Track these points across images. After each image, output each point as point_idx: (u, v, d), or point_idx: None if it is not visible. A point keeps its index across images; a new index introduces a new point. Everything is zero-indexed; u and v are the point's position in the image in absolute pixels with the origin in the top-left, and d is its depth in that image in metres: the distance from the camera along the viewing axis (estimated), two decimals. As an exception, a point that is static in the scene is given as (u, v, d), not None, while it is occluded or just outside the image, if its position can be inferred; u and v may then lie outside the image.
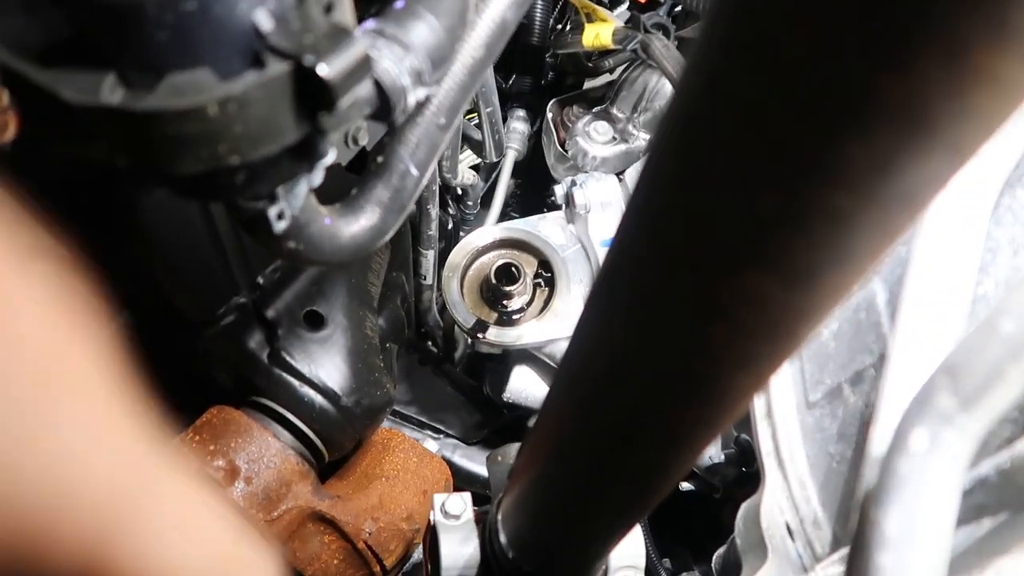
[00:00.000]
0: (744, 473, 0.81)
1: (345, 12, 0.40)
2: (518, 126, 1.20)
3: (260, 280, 0.73)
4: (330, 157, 0.42)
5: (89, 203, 0.58)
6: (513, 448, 0.70)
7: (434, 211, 1.02)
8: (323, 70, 0.35)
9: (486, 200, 1.23)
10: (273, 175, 0.42)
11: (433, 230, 1.06)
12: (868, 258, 0.24)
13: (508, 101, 1.22)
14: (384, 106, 0.44)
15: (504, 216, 1.24)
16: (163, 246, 0.63)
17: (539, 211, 1.37)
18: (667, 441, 0.36)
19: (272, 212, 0.46)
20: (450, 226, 1.20)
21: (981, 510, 0.36)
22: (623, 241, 0.29)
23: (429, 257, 1.11)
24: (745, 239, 0.23)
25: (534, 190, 1.34)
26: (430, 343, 1.26)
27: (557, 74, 1.26)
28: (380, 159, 0.54)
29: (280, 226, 0.47)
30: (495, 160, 1.12)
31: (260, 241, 0.49)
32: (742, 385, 0.30)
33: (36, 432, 0.24)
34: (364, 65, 0.37)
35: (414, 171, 0.55)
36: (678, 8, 0.92)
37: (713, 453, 0.80)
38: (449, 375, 1.18)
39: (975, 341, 0.27)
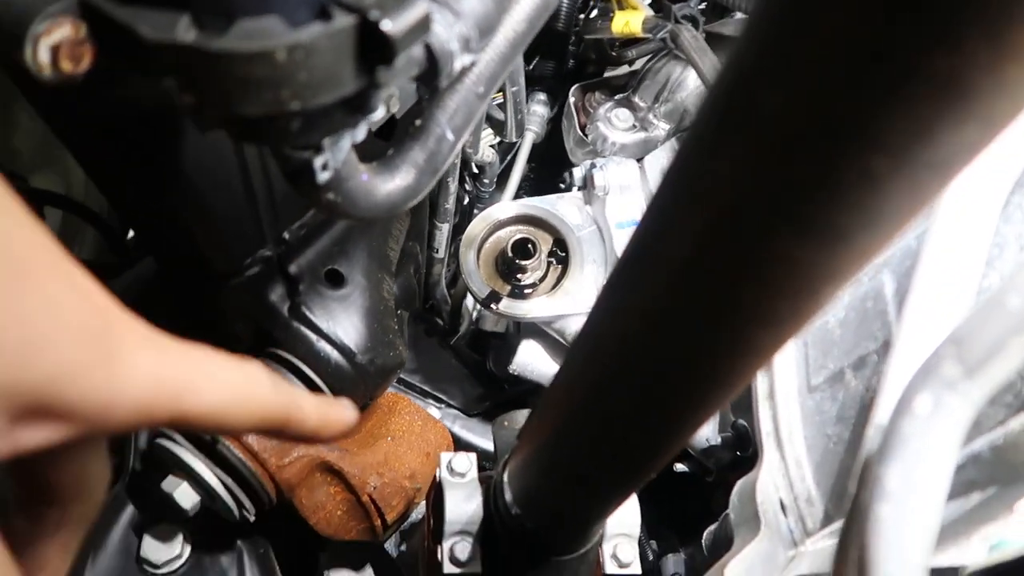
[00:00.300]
0: (738, 457, 0.84)
1: (408, -26, 0.42)
2: (538, 109, 1.22)
3: (286, 235, 0.75)
4: (379, 113, 0.44)
5: (134, 147, 0.60)
6: (519, 414, 0.73)
7: (453, 185, 1.04)
8: (386, 25, 0.37)
9: (501, 180, 1.25)
10: (325, 124, 0.44)
11: (450, 204, 1.08)
12: (897, 223, 0.26)
13: (530, 84, 1.24)
14: (431, 68, 0.46)
15: (517, 197, 1.26)
16: (199, 195, 0.65)
17: (552, 193, 1.40)
18: (683, 401, 0.38)
19: (317, 162, 0.48)
20: (465, 202, 1.22)
21: (972, 485, 0.39)
22: (660, 207, 0.31)
23: (444, 230, 1.13)
24: (785, 202, 0.25)
25: (548, 173, 1.36)
26: (436, 314, 1.29)
27: (579, 61, 1.28)
28: (418, 122, 0.56)
29: (323, 177, 0.49)
30: (515, 140, 1.14)
31: (301, 190, 0.51)
32: (763, 344, 0.32)
33: None
34: (423, 24, 0.40)
35: (450, 136, 0.57)
36: (705, 2, 0.94)
37: (710, 435, 0.83)
38: (454, 348, 1.21)
39: (982, 313, 0.30)
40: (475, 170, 1.19)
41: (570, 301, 0.84)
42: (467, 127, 0.58)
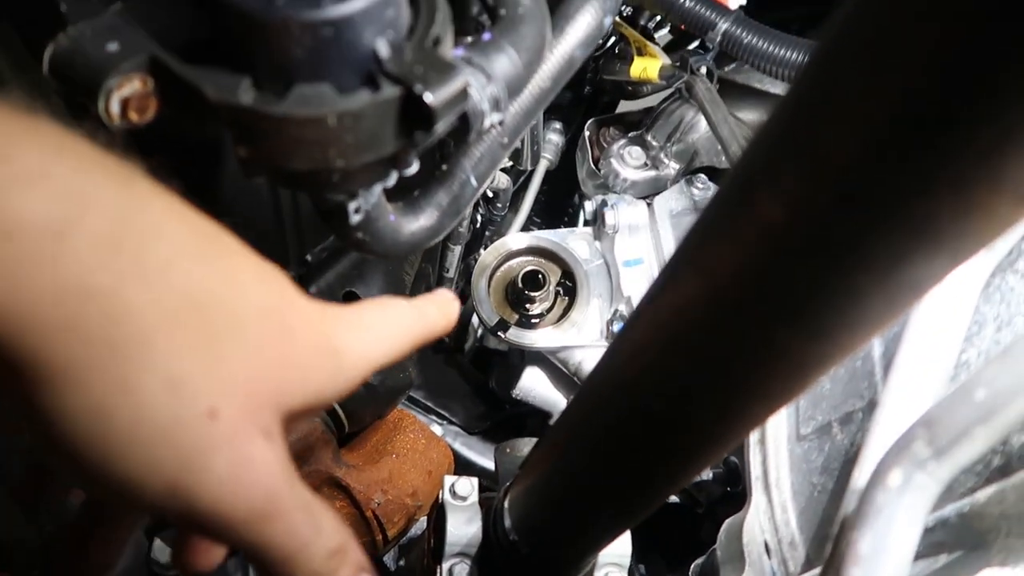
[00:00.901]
0: (728, 492, 0.87)
1: (448, 46, 0.46)
2: (553, 137, 1.26)
3: (309, 257, 0.78)
4: (414, 168, 0.48)
5: (177, 168, 0.63)
6: (521, 442, 0.76)
7: (467, 210, 1.08)
8: (429, 98, 0.41)
9: (513, 201, 1.29)
10: (363, 178, 0.47)
11: (464, 227, 1.12)
12: (877, 327, 0.30)
13: (546, 112, 1.28)
14: (463, 126, 0.50)
15: (527, 220, 1.30)
16: (230, 218, 0.68)
17: (560, 217, 1.43)
18: (682, 455, 0.42)
19: (351, 206, 0.52)
20: (478, 225, 1.25)
21: (940, 546, 0.42)
22: (672, 287, 0.34)
23: (455, 252, 1.16)
24: (784, 306, 0.29)
25: (558, 198, 1.40)
26: (442, 332, 1.32)
27: (595, 90, 1.31)
28: (444, 167, 0.60)
29: (355, 219, 0.53)
30: (530, 169, 1.18)
31: (333, 229, 0.55)
32: (755, 413, 0.36)
33: None
34: (462, 95, 0.43)
35: (474, 182, 0.60)
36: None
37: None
38: (459, 365, 1.24)
39: (952, 402, 0.33)
40: (490, 195, 1.23)
41: (575, 333, 0.88)
42: (490, 173, 0.61)
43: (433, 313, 0.47)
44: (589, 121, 1.12)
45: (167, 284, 0.32)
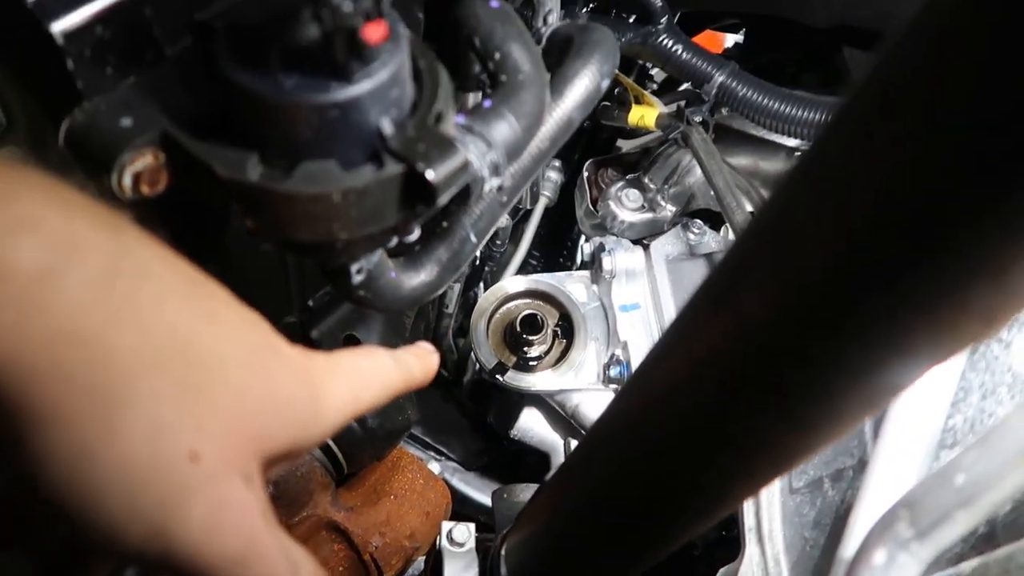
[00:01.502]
0: (723, 536, 0.88)
1: (450, 123, 0.47)
2: (552, 175, 1.27)
3: (311, 303, 0.79)
4: (416, 235, 0.49)
5: (188, 223, 0.65)
6: (518, 488, 0.77)
7: (467, 264, 1.09)
8: (430, 175, 0.42)
9: (513, 238, 1.30)
10: (367, 246, 0.49)
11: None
12: (857, 420, 0.31)
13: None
14: (464, 192, 0.51)
15: (527, 255, 1.31)
16: (238, 266, 0.70)
17: (560, 253, 1.45)
18: (674, 523, 0.43)
19: (354, 268, 0.53)
20: (477, 262, 1.27)
21: (926, 615, 0.43)
22: (664, 367, 0.36)
23: (455, 289, 1.18)
24: (765, 402, 0.30)
25: (557, 234, 1.42)
26: (442, 365, 1.33)
27: (594, 128, 1.33)
28: (445, 224, 0.62)
29: (358, 279, 0.54)
30: (529, 208, 1.19)
31: (336, 287, 0.56)
32: (742, 491, 0.37)
33: None
34: (463, 170, 0.45)
35: (473, 239, 0.62)
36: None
37: (697, 514, 0.87)
38: (457, 400, 1.25)
39: (933, 485, 0.34)
40: (489, 232, 1.24)
41: (572, 376, 0.89)
42: (489, 230, 0.63)
43: (413, 364, 0.49)
44: (588, 162, 1.13)
45: (152, 329, 0.32)
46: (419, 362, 0.50)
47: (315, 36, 0.39)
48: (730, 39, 1.75)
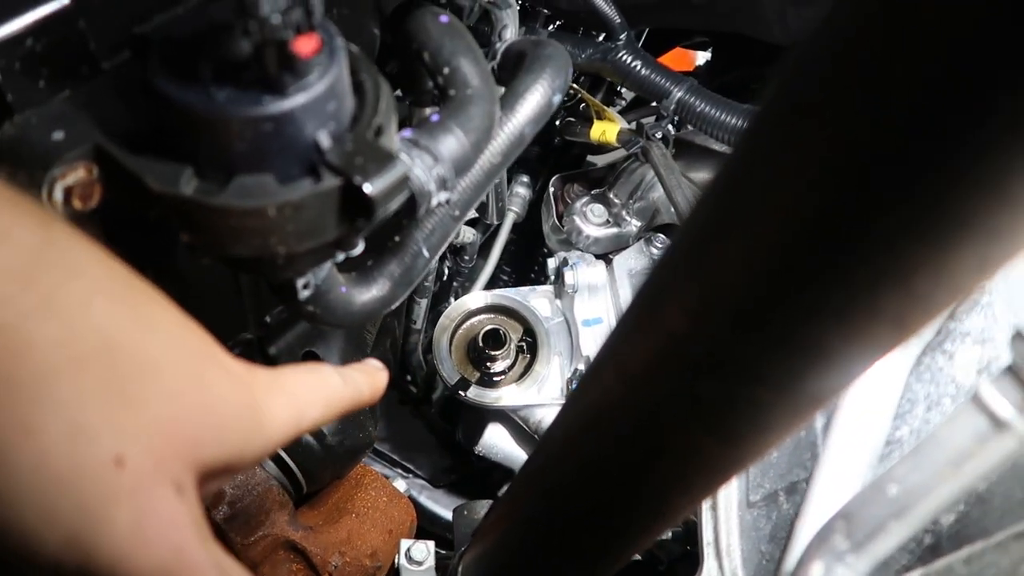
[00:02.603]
0: (688, 551, 0.87)
1: (391, 137, 0.47)
2: (520, 191, 1.27)
3: (268, 319, 0.78)
4: (359, 249, 0.49)
5: (134, 239, 0.64)
6: (479, 504, 0.76)
7: (433, 263, 1.09)
8: (368, 188, 0.42)
9: (483, 252, 1.30)
10: (309, 260, 0.48)
11: (429, 281, 1.13)
12: (784, 432, 0.31)
13: (514, 165, 1.30)
14: (410, 206, 0.51)
15: (497, 270, 1.31)
16: (190, 283, 0.69)
17: (531, 267, 1.44)
18: (615, 537, 0.42)
19: (299, 283, 0.52)
20: (445, 277, 1.26)
21: (871, 627, 0.43)
22: (599, 386, 0.35)
23: (422, 304, 1.17)
24: (692, 411, 0.30)
25: (527, 248, 1.42)
26: (410, 382, 1.32)
27: (563, 144, 1.34)
28: (397, 239, 0.61)
29: (304, 294, 0.53)
30: (496, 223, 1.19)
31: (284, 302, 0.55)
32: (675, 505, 0.37)
33: None
34: (402, 184, 0.44)
35: (426, 253, 0.61)
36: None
37: (662, 529, 0.86)
38: (425, 417, 1.24)
39: (867, 497, 0.34)
40: (457, 247, 1.24)
41: (536, 391, 0.88)
42: (442, 245, 0.62)
43: (361, 381, 0.47)
44: (554, 177, 1.14)
45: (77, 325, 0.31)
46: (367, 379, 0.49)
47: (246, 49, 0.38)
48: (701, 56, 1.77)
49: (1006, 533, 0.37)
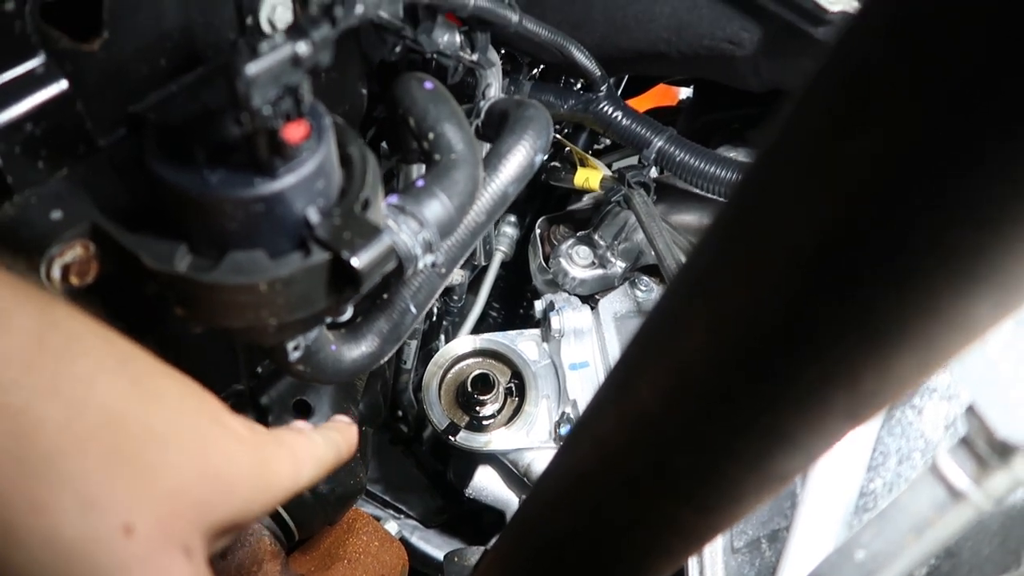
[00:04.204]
0: (677, 593, 0.88)
1: (378, 208, 0.49)
2: (508, 230, 1.29)
3: (259, 370, 0.80)
4: (347, 315, 0.50)
5: (126, 297, 0.65)
6: (470, 552, 0.77)
7: (408, 334, 1.10)
8: (356, 262, 0.44)
9: (473, 290, 1.32)
10: (299, 328, 0.50)
11: (419, 322, 1.14)
12: (755, 502, 0.32)
13: (501, 205, 1.32)
14: (398, 269, 0.53)
15: (486, 307, 1.33)
16: (183, 339, 0.70)
17: (520, 304, 1.46)
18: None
19: (290, 346, 0.54)
20: (435, 316, 1.28)
21: None
22: (586, 466, 0.37)
23: (412, 345, 1.18)
24: (670, 485, 0.31)
25: (516, 286, 1.44)
26: (401, 420, 1.33)
27: (548, 185, 1.36)
28: (385, 296, 0.63)
29: (295, 355, 0.55)
30: (484, 264, 1.21)
31: (275, 362, 0.57)
32: (656, 567, 0.38)
33: None
34: (388, 255, 0.46)
35: (413, 310, 0.63)
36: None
37: (651, 571, 0.87)
38: (417, 456, 1.25)
39: (836, 560, 0.36)
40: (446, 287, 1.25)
41: (524, 434, 0.90)
42: (429, 301, 0.64)
43: (338, 440, 0.50)
44: (540, 219, 1.16)
45: (82, 402, 0.32)
46: (341, 436, 0.51)
47: (237, 136, 0.40)
48: (683, 92, 1.81)
49: (972, 590, 0.38)
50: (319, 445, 0.47)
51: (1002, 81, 0.17)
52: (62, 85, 0.45)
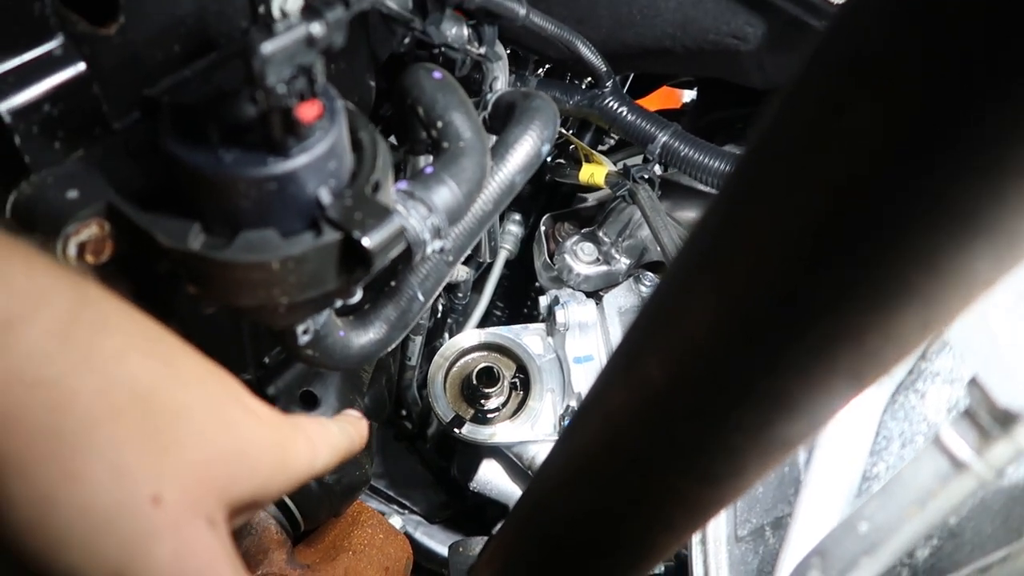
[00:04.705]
0: (681, 586, 0.88)
1: (388, 191, 0.49)
2: (513, 228, 1.30)
3: (267, 360, 0.80)
4: (357, 297, 0.51)
5: (139, 284, 0.66)
6: (474, 541, 0.77)
7: (416, 321, 1.11)
8: (367, 242, 0.44)
9: (477, 288, 1.33)
10: (310, 309, 0.50)
11: (424, 318, 1.15)
12: (760, 474, 0.33)
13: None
14: (407, 254, 0.53)
15: (491, 305, 1.33)
16: (192, 326, 0.71)
17: (524, 302, 1.47)
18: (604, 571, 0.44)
19: (300, 329, 0.54)
20: (440, 314, 1.28)
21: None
22: (594, 440, 0.37)
23: (417, 342, 1.19)
24: (672, 455, 0.32)
25: (521, 284, 1.44)
26: (406, 417, 1.34)
27: (554, 183, 1.37)
28: (393, 284, 0.63)
29: (304, 339, 0.55)
30: (488, 261, 1.22)
31: (285, 348, 0.58)
32: (661, 543, 0.39)
33: None
34: (398, 237, 0.47)
35: (421, 297, 0.64)
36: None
37: (654, 564, 0.88)
38: (421, 452, 1.25)
39: (840, 533, 0.36)
40: (450, 283, 1.26)
41: (529, 427, 0.90)
42: (436, 289, 0.65)
43: (351, 431, 0.51)
44: (545, 216, 1.16)
45: (113, 376, 0.34)
46: (353, 428, 0.52)
47: (252, 115, 0.41)
48: (687, 95, 1.82)
49: (973, 567, 0.39)
50: (334, 434, 0.48)
51: (1001, 46, 0.17)
52: (79, 67, 0.45)
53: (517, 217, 1.31)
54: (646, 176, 0.87)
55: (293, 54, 0.39)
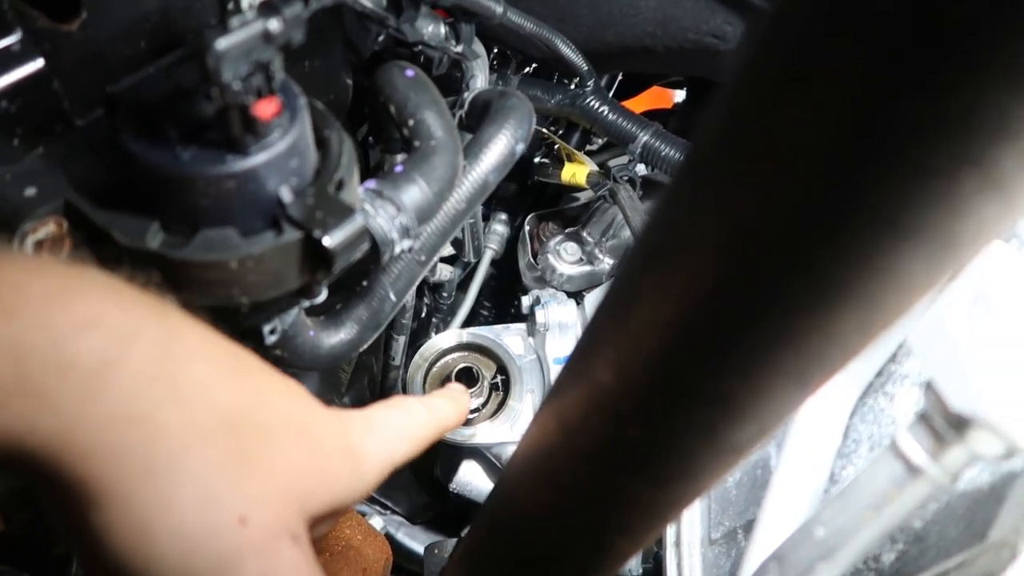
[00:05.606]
0: (658, 587, 0.88)
1: (353, 190, 0.49)
2: (499, 228, 1.30)
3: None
4: (322, 297, 0.51)
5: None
6: (449, 543, 0.77)
7: (411, 300, 1.11)
8: (327, 241, 0.44)
9: (462, 287, 1.32)
10: (272, 309, 0.50)
11: (407, 319, 1.14)
12: (713, 477, 0.32)
13: (493, 202, 1.32)
14: (374, 253, 0.53)
15: (476, 305, 1.33)
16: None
17: (510, 302, 1.46)
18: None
19: (266, 329, 0.54)
20: (423, 314, 1.28)
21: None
22: (548, 441, 0.37)
23: (400, 341, 1.18)
24: (624, 457, 0.32)
25: (507, 283, 1.44)
26: (390, 418, 1.33)
27: (539, 183, 1.37)
28: (365, 283, 0.63)
29: (271, 339, 0.55)
30: (473, 261, 1.21)
31: (250, 347, 0.57)
32: (618, 547, 0.38)
33: None
34: (362, 236, 0.46)
35: (393, 297, 0.63)
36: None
37: (633, 566, 0.87)
38: (403, 453, 1.24)
39: (798, 538, 0.36)
40: (434, 283, 1.26)
41: (509, 428, 0.90)
42: (408, 289, 0.64)
43: (444, 408, 0.51)
44: (530, 216, 1.16)
45: (200, 405, 0.35)
46: (451, 405, 0.53)
47: (209, 112, 0.40)
48: (679, 95, 1.82)
49: (936, 570, 0.38)
50: (418, 418, 0.49)
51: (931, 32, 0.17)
52: (38, 63, 0.45)
53: (503, 217, 1.31)
54: (627, 176, 0.86)
55: (249, 50, 0.38)
